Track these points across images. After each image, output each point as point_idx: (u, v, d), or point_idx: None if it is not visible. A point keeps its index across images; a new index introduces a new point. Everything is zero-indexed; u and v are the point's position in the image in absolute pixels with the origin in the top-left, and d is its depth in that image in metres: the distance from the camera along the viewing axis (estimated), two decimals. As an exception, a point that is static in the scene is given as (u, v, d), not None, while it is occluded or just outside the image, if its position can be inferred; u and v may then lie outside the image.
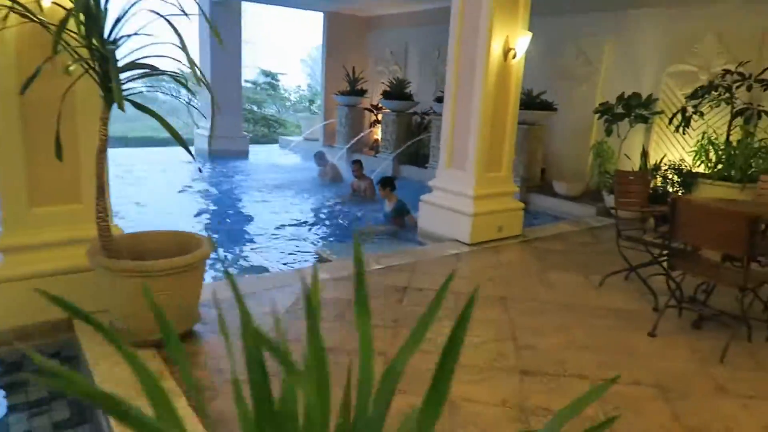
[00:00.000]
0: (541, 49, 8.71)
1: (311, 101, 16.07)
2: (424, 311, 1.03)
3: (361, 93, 11.53)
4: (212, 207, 7.61)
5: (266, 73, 24.18)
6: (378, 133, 11.08)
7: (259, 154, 12.69)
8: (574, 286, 4.39)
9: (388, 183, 6.82)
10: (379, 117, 10.91)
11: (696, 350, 3.36)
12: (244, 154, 12.03)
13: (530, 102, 7.70)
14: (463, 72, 5.43)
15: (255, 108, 22.75)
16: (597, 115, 7.37)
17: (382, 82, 11.20)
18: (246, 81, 24.66)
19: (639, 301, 4.10)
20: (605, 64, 7.88)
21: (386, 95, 10.25)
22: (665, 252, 3.57)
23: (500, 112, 5.45)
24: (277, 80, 23.98)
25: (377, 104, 11.18)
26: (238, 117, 12.04)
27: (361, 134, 11.22)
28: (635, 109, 7.01)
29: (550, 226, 6.37)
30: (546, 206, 7.56)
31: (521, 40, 5.26)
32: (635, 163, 7.10)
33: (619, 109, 7.09)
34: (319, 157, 9.51)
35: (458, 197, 5.53)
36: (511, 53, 5.28)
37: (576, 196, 7.48)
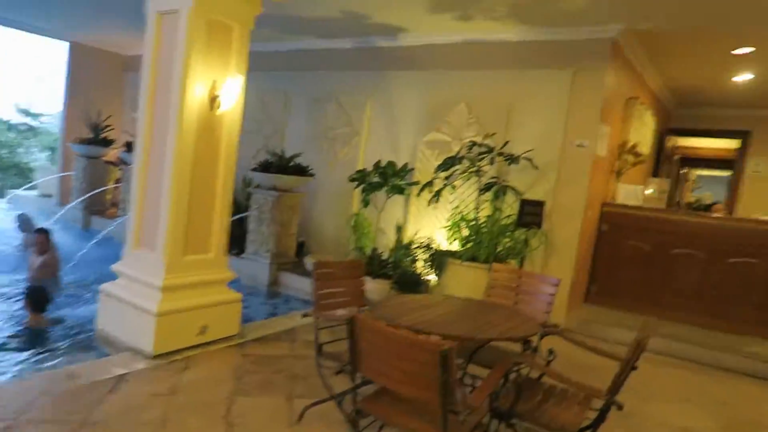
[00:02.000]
0: (303, 106, 7.91)
1: (53, 148, 13.39)
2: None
3: (107, 143, 9.55)
4: None
5: (25, 112, 20.26)
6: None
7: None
8: (266, 422, 3.15)
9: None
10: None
11: None
12: (-63, 212, 9.06)
13: (283, 166, 6.67)
14: (157, 126, 4.11)
15: (4, 153, 18.71)
16: (353, 184, 6.60)
17: (125, 131, 9.41)
18: (-2, 120, 20.49)
19: (343, 445, 3.00)
20: (366, 127, 7.27)
21: (130, 147, 8.48)
22: (353, 387, 2.51)
23: (205, 176, 4.20)
24: (39, 120, 20.21)
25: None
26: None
27: (94, 192, 9.15)
28: (391, 178, 6.37)
29: (281, 319, 5.18)
30: (299, 288, 6.44)
31: (229, 84, 4.14)
32: (390, 238, 6.41)
33: (375, 178, 6.41)
34: (23, 222, 7.25)
35: (144, 288, 4.06)
36: (217, 102, 4.12)
37: (333, 273, 6.51)
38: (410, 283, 5.64)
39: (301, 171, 6.76)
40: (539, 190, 5.94)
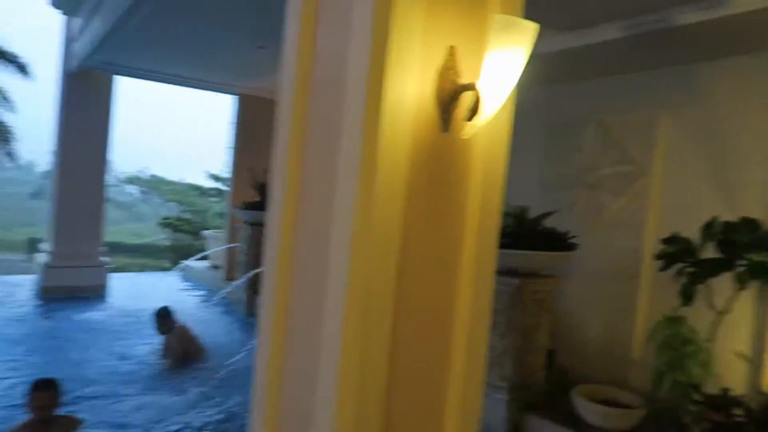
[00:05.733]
0: (535, 138, 5.26)
1: (221, 214, 12.53)
2: None
3: (275, 205, 7.87)
4: None
5: (215, 177, 20.83)
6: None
7: (127, 287, 8.66)
8: None
9: None
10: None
11: None
12: (98, 291, 8.04)
13: (527, 232, 3.96)
14: (312, 177, 1.72)
15: (196, 219, 19.25)
16: (658, 263, 3.64)
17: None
18: (192, 186, 21.51)
19: None
20: (660, 162, 4.31)
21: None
22: None
23: (429, 276, 1.67)
24: (227, 184, 20.64)
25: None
26: (96, 236, 8.23)
27: (259, 269, 7.39)
28: (747, 251, 3.30)
29: None
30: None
31: (493, 56, 1.57)
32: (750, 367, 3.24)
33: (706, 250, 3.40)
34: (161, 321, 5.40)
35: None
36: (470, 101, 1.60)
37: (624, 430, 3.54)
38: None
39: (558, 242, 3.98)
40: None
